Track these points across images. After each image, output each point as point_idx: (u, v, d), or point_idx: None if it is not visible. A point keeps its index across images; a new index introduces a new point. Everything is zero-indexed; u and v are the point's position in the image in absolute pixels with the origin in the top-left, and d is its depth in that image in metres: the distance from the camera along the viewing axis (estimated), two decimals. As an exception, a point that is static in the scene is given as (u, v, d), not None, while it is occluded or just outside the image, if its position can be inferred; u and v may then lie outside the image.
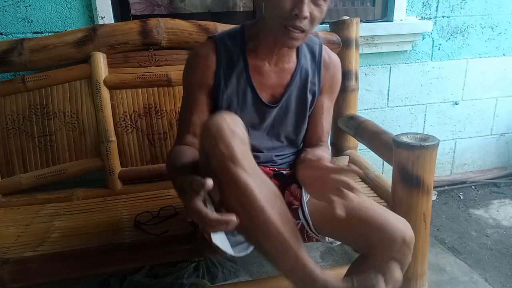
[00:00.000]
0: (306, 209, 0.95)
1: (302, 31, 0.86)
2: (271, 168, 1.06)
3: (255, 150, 1.03)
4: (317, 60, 1.02)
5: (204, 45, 0.98)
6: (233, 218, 0.68)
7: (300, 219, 0.95)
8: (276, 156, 1.06)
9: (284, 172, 1.07)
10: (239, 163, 0.72)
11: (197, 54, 0.98)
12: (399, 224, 0.86)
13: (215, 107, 0.99)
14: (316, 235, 0.98)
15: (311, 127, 1.07)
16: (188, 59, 1.00)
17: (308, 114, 1.05)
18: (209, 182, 0.66)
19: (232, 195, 0.73)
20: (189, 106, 0.99)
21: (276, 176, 1.06)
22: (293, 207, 0.97)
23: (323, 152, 1.02)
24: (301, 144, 1.11)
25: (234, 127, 0.75)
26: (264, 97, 0.99)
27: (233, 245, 0.85)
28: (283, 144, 1.06)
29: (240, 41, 0.97)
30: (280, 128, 1.04)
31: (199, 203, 0.68)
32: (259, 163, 1.03)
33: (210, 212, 0.68)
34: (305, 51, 1.02)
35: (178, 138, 1.00)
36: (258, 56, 0.97)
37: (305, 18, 0.83)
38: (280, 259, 0.75)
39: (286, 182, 1.06)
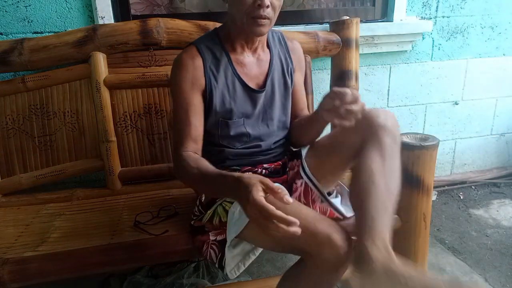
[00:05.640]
0: (306, 168, 1.03)
1: (267, 18, 0.96)
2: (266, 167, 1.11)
3: (255, 139, 1.09)
4: (284, 46, 1.14)
5: (186, 50, 1.04)
6: (297, 222, 0.69)
7: (302, 177, 1.03)
8: (274, 143, 1.12)
9: (273, 166, 1.12)
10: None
11: (182, 58, 1.02)
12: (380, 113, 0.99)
13: (209, 104, 1.03)
14: (321, 193, 1.01)
15: (295, 103, 1.17)
16: (174, 65, 1.04)
17: (290, 95, 1.14)
18: (267, 180, 0.72)
19: None
20: (185, 108, 1.00)
21: (270, 174, 1.10)
22: (295, 170, 1.08)
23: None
24: (290, 124, 1.17)
25: None
26: (251, 85, 1.06)
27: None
28: (276, 128, 1.12)
29: (217, 40, 1.06)
30: (271, 112, 1.10)
31: (262, 198, 0.70)
32: (260, 152, 1.10)
33: (273, 208, 0.69)
34: (273, 41, 1.13)
35: (180, 145, 0.98)
36: (236, 51, 1.06)
37: (267, 6, 0.94)
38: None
39: (283, 173, 1.12)
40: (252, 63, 1.07)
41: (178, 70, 1.02)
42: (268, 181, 0.73)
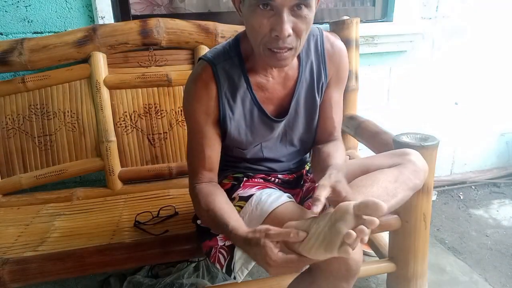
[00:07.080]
0: None
1: (290, 48, 0.79)
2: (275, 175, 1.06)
3: (273, 160, 1.02)
4: (320, 52, 0.95)
5: (201, 72, 0.90)
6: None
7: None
8: (294, 164, 1.06)
9: (287, 178, 1.07)
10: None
11: (195, 83, 0.90)
12: None
13: (223, 133, 0.95)
14: None
15: (321, 122, 1.01)
16: (187, 88, 0.92)
17: (317, 113, 1.00)
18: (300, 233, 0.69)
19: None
20: (199, 141, 0.93)
21: (283, 184, 1.06)
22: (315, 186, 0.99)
23: (335, 152, 0.95)
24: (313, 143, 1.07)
25: None
26: (272, 111, 0.95)
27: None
28: (297, 148, 1.04)
29: (237, 60, 0.90)
30: (292, 133, 1.00)
31: (280, 255, 0.70)
32: (275, 170, 1.04)
33: (296, 256, 0.70)
34: (307, 49, 0.95)
35: (194, 175, 0.94)
36: (258, 73, 0.92)
37: (288, 36, 0.76)
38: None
39: (297, 185, 1.09)
40: (276, 84, 0.93)
41: (191, 100, 0.91)
42: (273, 232, 0.70)
